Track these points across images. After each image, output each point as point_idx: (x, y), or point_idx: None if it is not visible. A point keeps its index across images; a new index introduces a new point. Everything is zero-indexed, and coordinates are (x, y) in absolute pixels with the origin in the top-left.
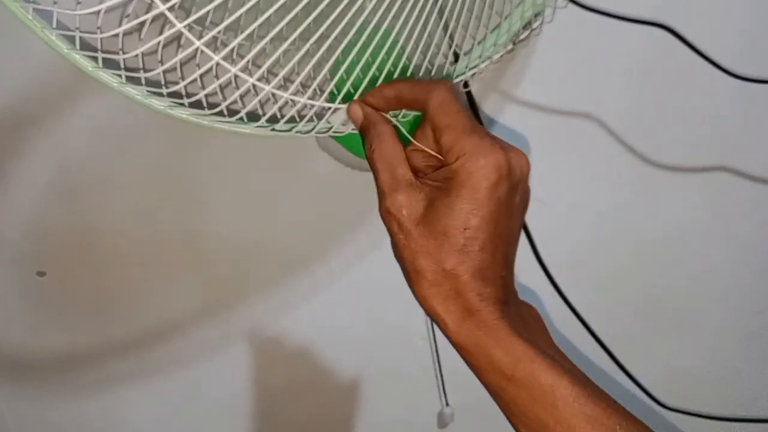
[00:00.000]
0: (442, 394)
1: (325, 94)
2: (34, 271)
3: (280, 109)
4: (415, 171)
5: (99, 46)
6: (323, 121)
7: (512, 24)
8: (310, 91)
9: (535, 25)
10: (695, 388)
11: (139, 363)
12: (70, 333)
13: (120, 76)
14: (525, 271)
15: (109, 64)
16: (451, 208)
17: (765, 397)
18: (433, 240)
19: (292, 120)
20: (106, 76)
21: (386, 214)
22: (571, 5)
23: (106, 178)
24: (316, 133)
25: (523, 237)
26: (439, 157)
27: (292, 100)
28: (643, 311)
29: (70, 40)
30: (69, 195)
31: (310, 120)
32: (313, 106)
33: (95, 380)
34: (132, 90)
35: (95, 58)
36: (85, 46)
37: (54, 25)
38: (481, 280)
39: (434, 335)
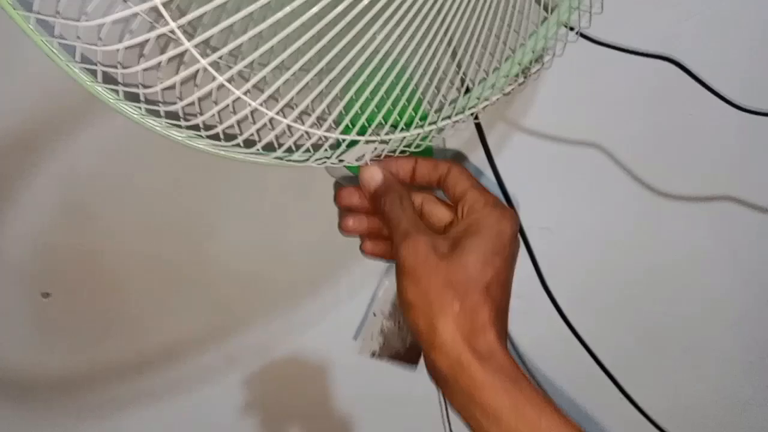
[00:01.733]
0: (446, 421)
1: (340, 128)
2: (38, 292)
3: (296, 141)
4: None
5: (120, 80)
6: (337, 153)
7: (524, 56)
8: (326, 125)
9: (546, 59)
10: (701, 418)
11: (140, 387)
12: (72, 355)
13: (140, 108)
14: (531, 298)
15: (129, 97)
16: (478, 246)
17: None
18: (459, 274)
19: (307, 151)
20: (128, 109)
21: (410, 250)
22: (581, 39)
23: (113, 200)
24: (330, 164)
25: (529, 264)
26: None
27: (307, 132)
28: (649, 340)
29: (92, 72)
30: (76, 216)
31: (325, 151)
32: (327, 138)
33: (95, 404)
34: (152, 122)
35: (116, 91)
36: (107, 78)
37: (77, 58)
38: (500, 321)
39: None
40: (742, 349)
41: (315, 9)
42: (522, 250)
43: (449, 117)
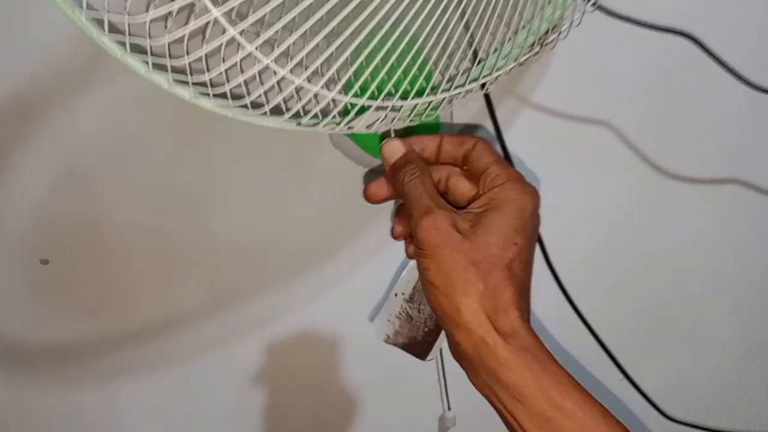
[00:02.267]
0: (445, 397)
1: (351, 94)
2: (37, 259)
3: (305, 105)
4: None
5: (127, 31)
6: (346, 120)
7: (540, 24)
8: (336, 89)
9: (563, 28)
10: (701, 400)
11: (137, 358)
12: (70, 324)
13: (147, 63)
14: (535, 276)
15: (136, 49)
16: (499, 223)
17: None
18: (481, 252)
19: (315, 117)
20: (135, 62)
21: (431, 228)
22: (596, 11)
23: (114, 169)
24: (339, 131)
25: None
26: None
27: (317, 96)
28: (651, 321)
29: (99, 24)
30: (76, 184)
31: (334, 118)
32: (336, 103)
33: (92, 372)
34: (158, 77)
35: (123, 43)
36: (113, 30)
37: (84, 6)
38: (523, 300)
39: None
40: (744, 333)
41: None
42: None
43: (461, 86)
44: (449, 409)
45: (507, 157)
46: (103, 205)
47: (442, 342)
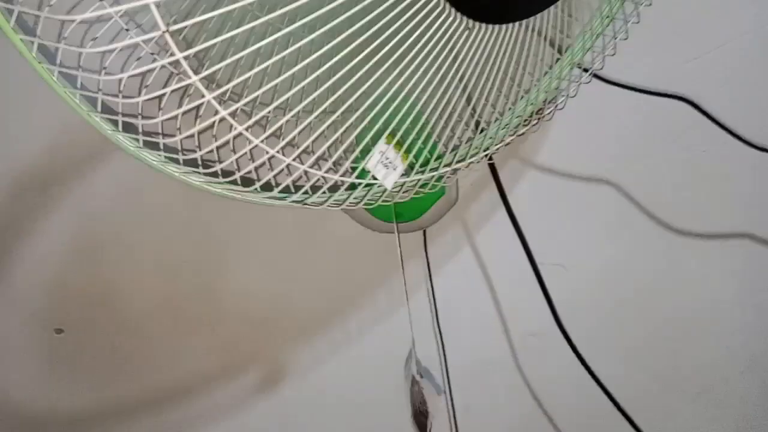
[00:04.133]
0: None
1: (356, 172)
2: (52, 328)
3: (314, 183)
4: None
5: (140, 128)
6: (354, 195)
7: (537, 95)
8: (342, 169)
9: (560, 100)
10: None
11: (149, 426)
12: (83, 393)
13: (137, 140)
14: (546, 336)
15: (129, 129)
16: None
17: None
18: None
19: (323, 193)
20: (125, 141)
21: None
22: (594, 79)
23: (127, 236)
24: (347, 206)
25: (543, 301)
26: None
27: (324, 177)
28: (664, 380)
29: (93, 102)
30: (90, 253)
31: (341, 194)
32: (344, 182)
33: None
34: (149, 155)
35: (137, 139)
36: (107, 109)
37: (78, 86)
38: None
39: (451, 397)
40: (760, 392)
41: (329, 63)
42: (536, 286)
43: (464, 159)
44: None
45: (512, 217)
46: (115, 275)
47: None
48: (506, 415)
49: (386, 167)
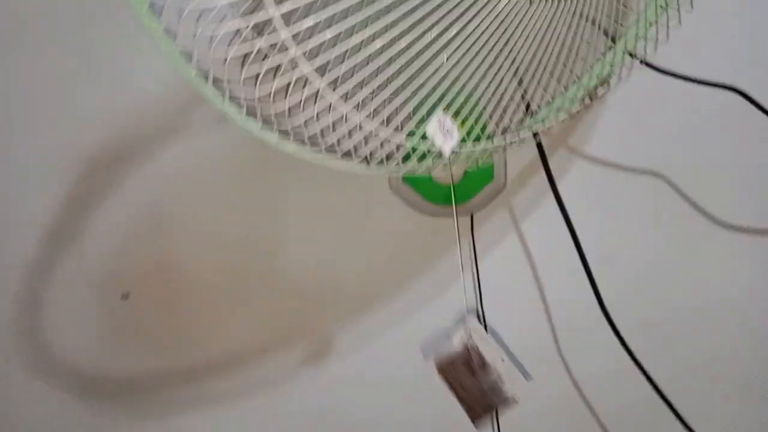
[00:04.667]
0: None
1: (416, 137)
2: (118, 294)
3: (372, 151)
4: None
5: (226, 83)
6: (409, 164)
7: (590, 81)
8: (401, 135)
9: (613, 82)
10: None
11: (203, 390)
12: (144, 358)
13: (242, 111)
14: (593, 327)
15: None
16: None
17: None
18: None
19: (381, 162)
20: (233, 110)
21: None
22: (645, 67)
23: (188, 211)
24: (404, 172)
25: (590, 295)
26: None
27: (383, 142)
28: (708, 372)
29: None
30: (154, 226)
31: (397, 164)
32: (400, 148)
33: (159, 404)
34: (252, 123)
35: (222, 96)
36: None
37: (194, 63)
38: None
39: None
40: None
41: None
42: (583, 277)
43: (515, 134)
44: None
45: (561, 205)
46: (176, 248)
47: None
48: (549, 409)
49: (444, 135)
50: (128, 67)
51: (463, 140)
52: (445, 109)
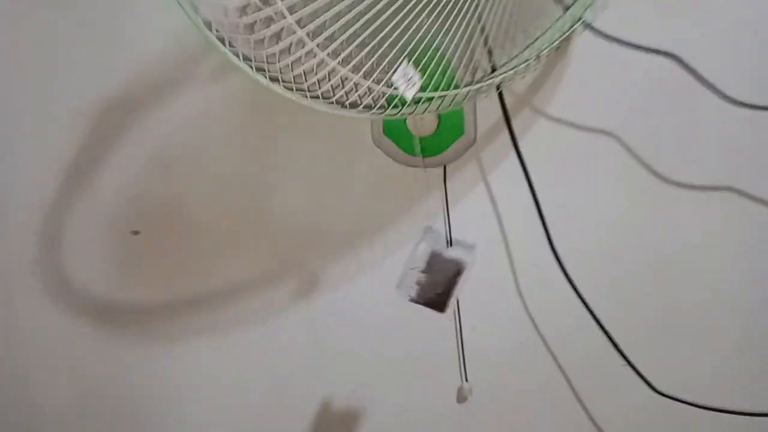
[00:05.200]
0: (463, 371)
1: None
2: (129, 230)
3: (353, 97)
4: None
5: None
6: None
7: (542, 44)
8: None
9: (555, 43)
10: (696, 379)
11: (206, 319)
12: (153, 286)
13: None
14: (545, 268)
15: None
16: None
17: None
18: None
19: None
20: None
21: None
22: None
23: (195, 156)
24: (386, 115)
25: (544, 237)
26: None
27: (369, 88)
28: (655, 319)
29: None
30: (164, 168)
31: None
32: (383, 94)
33: (164, 331)
34: (246, 67)
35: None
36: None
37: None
38: None
39: (459, 317)
40: (741, 335)
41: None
42: (538, 224)
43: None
44: (467, 380)
45: (521, 160)
46: (184, 188)
47: (455, 297)
48: (507, 337)
49: (406, 82)
50: (143, 23)
51: (424, 89)
52: (410, 61)
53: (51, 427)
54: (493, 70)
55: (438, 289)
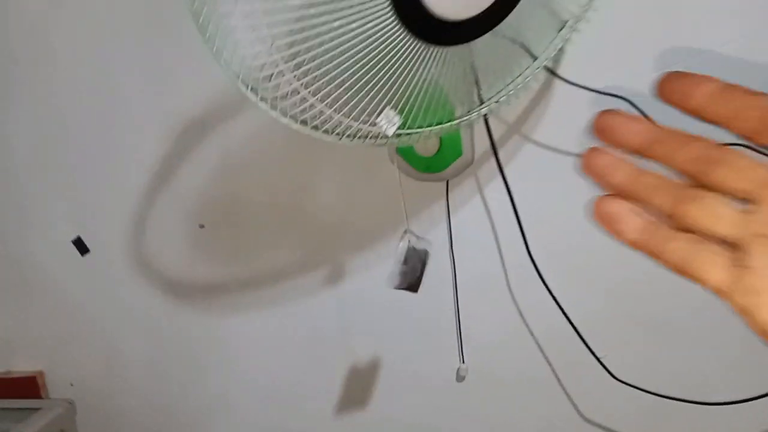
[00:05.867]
0: (461, 353)
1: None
2: (197, 224)
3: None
4: None
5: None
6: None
7: (514, 87)
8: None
9: (511, 93)
10: (649, 362)
11: (249, 298)
12: (214, 268)
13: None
14: (529, 269)
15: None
16: None
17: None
18: None
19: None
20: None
21: None
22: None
23: (249, 164)
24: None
25: (522, 246)
26: None
27: (368, 131)
28: (623, 310)
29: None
30: (226, 174)
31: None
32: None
33: (225, 306)
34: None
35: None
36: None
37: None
38: None
39: (458, 304)
40: (702, 332)
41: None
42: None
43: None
44: (464, 362)
45: (505, 181)
46: (240, 190)
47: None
48: (498, 325)
49: (387, 121)
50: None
51: (404, 125)
52: (392, 107)
53: (131, 371)
54: (481, 102)
55: (415, 275)
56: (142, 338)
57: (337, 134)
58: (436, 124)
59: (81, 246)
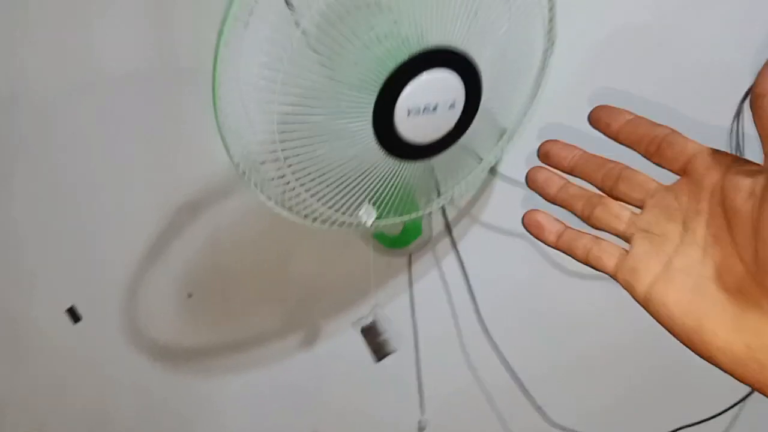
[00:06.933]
0: (421, 405)
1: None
2: (186, 293)
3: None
4: None
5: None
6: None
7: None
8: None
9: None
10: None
11: (235, 359)
12: (202, 335)
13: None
14: (477, 330)
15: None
16: None
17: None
18: None
19: (341, 224)
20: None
21: None
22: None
23: (236, 239)
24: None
25: (473, 309)
26: None
27: (341, 220)
28: (561, 361)
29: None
30: (215, 247)
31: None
32: (349, 222)
33: (204, 368)
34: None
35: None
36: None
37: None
38: None
39: (419, 362)
40: (628, 376)
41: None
42: (464, 287)
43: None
44: (424, 414)
45: (457, 254)
46: (229, 262)
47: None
48: (453, 379)
49: (366, 215)
50: (207, 142)
51: (379, 217)
52: (370, 202)
53: (119, 428)
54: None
55: (381, 345)
56: (130, 397)
57: (322, 222)
58: (405, 214)
59: (74, 315)
